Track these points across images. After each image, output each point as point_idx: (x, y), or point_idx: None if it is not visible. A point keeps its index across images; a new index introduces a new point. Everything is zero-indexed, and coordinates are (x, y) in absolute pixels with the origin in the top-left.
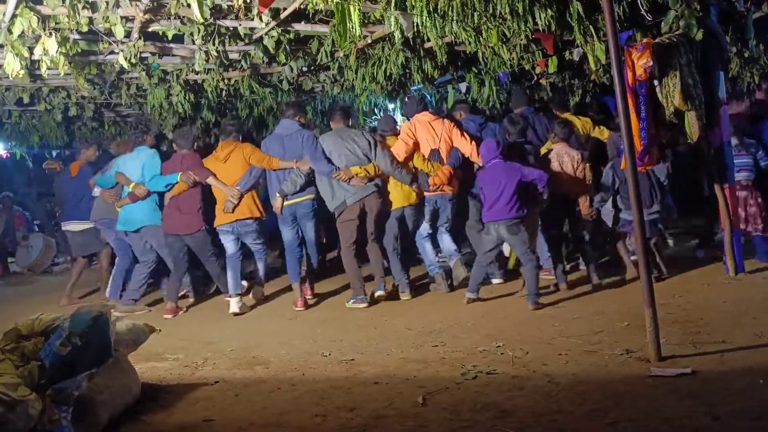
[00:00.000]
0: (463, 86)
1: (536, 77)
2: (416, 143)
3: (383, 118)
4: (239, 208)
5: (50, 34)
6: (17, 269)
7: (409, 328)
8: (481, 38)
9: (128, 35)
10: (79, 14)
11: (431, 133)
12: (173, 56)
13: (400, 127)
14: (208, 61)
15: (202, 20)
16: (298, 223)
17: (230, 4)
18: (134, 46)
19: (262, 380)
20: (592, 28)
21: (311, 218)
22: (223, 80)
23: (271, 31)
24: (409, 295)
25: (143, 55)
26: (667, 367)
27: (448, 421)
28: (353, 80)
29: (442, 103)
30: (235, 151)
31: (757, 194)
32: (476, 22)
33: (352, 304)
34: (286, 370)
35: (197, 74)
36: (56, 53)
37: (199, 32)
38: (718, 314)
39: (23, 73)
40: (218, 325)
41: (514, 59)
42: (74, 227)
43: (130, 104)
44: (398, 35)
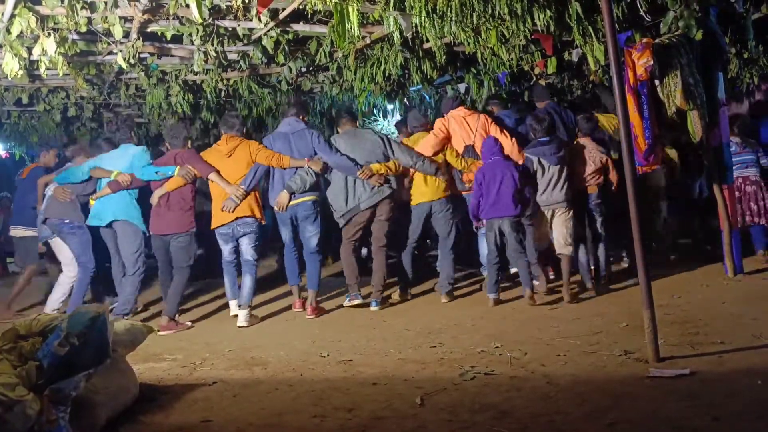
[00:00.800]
0: (462, 87)
1: (535, 78)
2: (447, 138)
3: (413, 113)
4: (240, 206)
5: (49, 34)
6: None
7: (407, 328)
8: (480, 39)
9: (127, 35)
10: (77, 14)
11: (465, 128)
12: (172, 57)
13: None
14: (206, 61)
15: (200, 21)
16: (297, 225)
17: (229, 4)
18: (133, 46)
19: (260, 381)
20: (591, 28)
21: (312, 221)
22: (221, 81)
23: (269, 31)
24: (400, 297)
25: (142, 55)
26: (665, 367)
27: (446, 422)
28: (352, 81)
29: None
30: (240, 146)
31: (766, 188)
32: (475, 22)
33: (348, 302)
34: (284, 370)
35: (196, 75)
36: (55, 53)
37: (197, 33)
38: (716, 315)
39: (22, 73)
40: (216, 325)
41: (513, 60)
42: (17, 233)
43: (129, 104)
44: (397, 36)
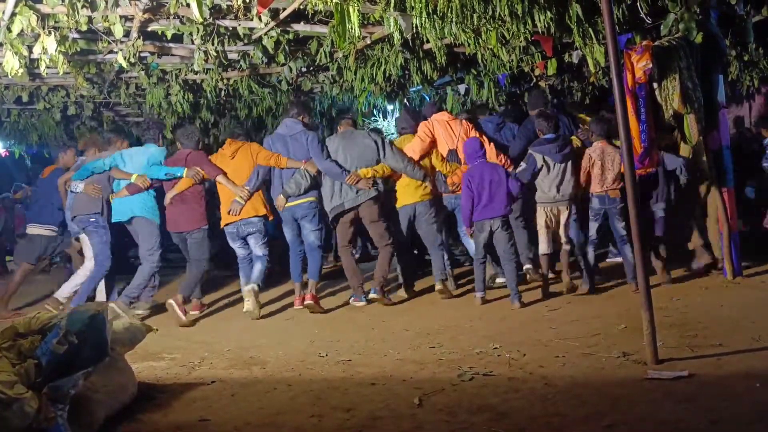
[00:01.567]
0: (462, 88)
1: (535, 79)
2: (433, 142)
3: (403, 115)
4: (244, 208)
5: (49, 32)
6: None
7: (406, 329)
8: (480, 40)
9: (127, 34)
10: (78, 13)
11: (449, 132)
12: (172, 56)
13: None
14: (207, 61)
15: (201, 20)
16: (298, 224)
17: (229, 4)
18: (133, 45)
19: (258, 380)
20: (591, 30)
21: (311, 219)
22: (222, 80)
23: (270, 31)
24: (406, 294)
25: (142, 54)
26: (664, 370)
27: (444, 422)
28: (352, 81)
29: (441, 104)
30: (242, 149)
31: None
32: (475, 23)
33: (352, 301)
34: (282, 370)
35: (196, 74)
36: (55, 52)
37: (198, 32)
38: (715, 318)
39: (22, 71)
40: (215, 325)
41: (513, 61)
42: (33, 230)
43: (128, 104)
44: (397, 36)
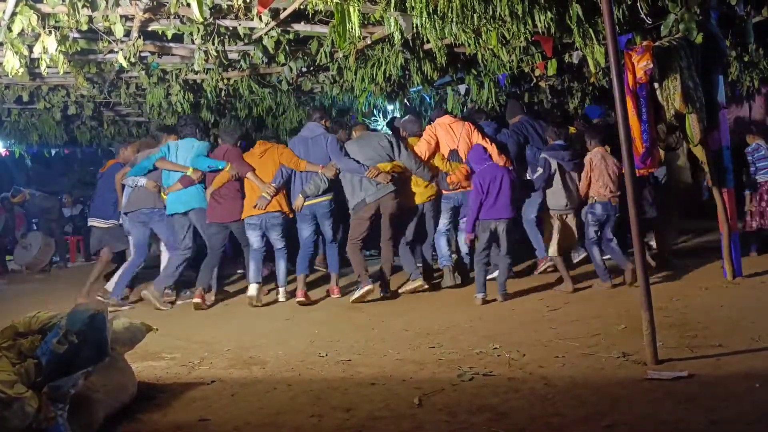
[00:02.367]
0: (462, 88)
1: (535, 80)
2: (437, 144)
3: (408, 119)
4: (270, 202)
5: (50, 32)
6: (15, 267)
7: (406, 329)
8: (480, 40)
9: (128, 34)
10: (78, 13)
11: (451, 134)
12: (172, 56)
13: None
14: (207, 60)
15: (201, 20)
16: (316, 221)
17: (230, 3)
18: (134, 45)
19: (258, 380)
20: (591, 31)
21: (329, 217)
22: (222, 80)
23: (270, 31)
24: (420, 281)
25: (142, 54)
26: (663, 370)
27: (444, 422)
28: (352, 81)
29: (441, 104)
30: (270, 149)
31: None
32: (476, 23)
33: (359, 292)
34: (282, 370)
35: (196, 74)
36: (56, 52)
37: (198, 32)
38: (715, 318)
39: (23, 71)
40: (215, 324)
41: (513, 61)
42: (98, 223)
43: (129, 103)
44: (398, 36)
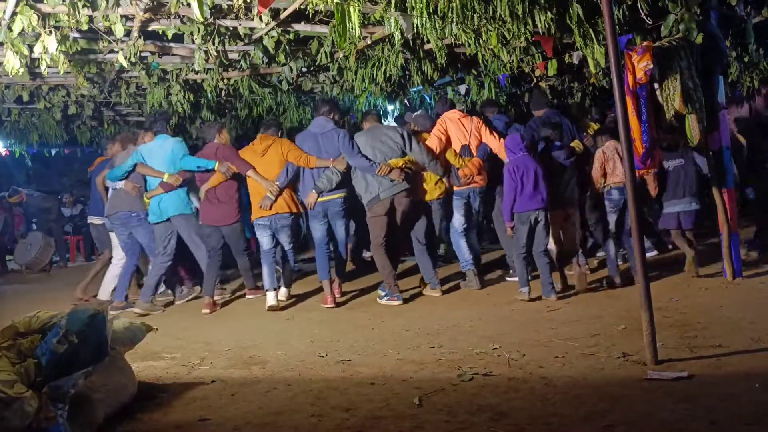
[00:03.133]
0: (462, 88)
1: (536, 80)
2: (448, 139)
3: (420, 114)
4: (277, 202)
5: (50, 32)
6: (15, 267)
7: (406, 329)
8: (480, 40)
9: (128, 34)
10: (79, 12)
11: (461, 129)
12: (173, 56)
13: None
14: (207, 60)
15: (201, 20)
16: (328, 220)
17: (230, 3)
18: (134, 45)
19: (258, 380)
20: (591, 31)
21: (342, 216)
22: (222, 80)
23: (270, 31)
24: (439, 292)
25: (143, 54)
26: (663, 370)
27: (444, 422)
28: (353, 81)
29: (445, 97)
30: (273, 146)
31: None
32: (476, 24)
33: (386, 300)
34: (282, 370)
35: (197, 74)
36: (56, 51)
37: (198, 32)
38: (715, 318)
39: (23, 71)
40: (215, 324)
41: (513, 62)
42: (94, 221)
43: (129, 103)
44: (398, 36)
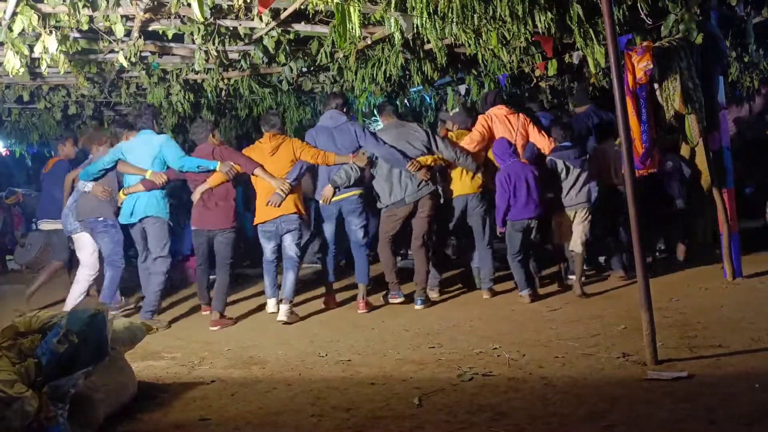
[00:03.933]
0: (462, 88)
1: (536, 80)
2: (491, 136)
3: (459, 111)
4: (285, 203)
5: (50, 32)
6: (15, 267)
7: (406, 329)
8: (480, 40)
9: (128, 34)
10: (79, 12)
11: (507, 126)
12: (173, 56)
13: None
14: (207, 60)
15: (202, 20)
16: (342, 219)
17: (230, 3)
18: (134, 45)
19: (258, 380)
20: (591, 31)
21: (358, 215)
22: (222, 80)
23: (271, 31)
24: (438, 295)
25: (143, 54)
26: (663, 370)
27: (444, 422)
28: (353, 81)
29: (441, 104)
30: (283, 145)
31: None
32: (476, 24)
33: (390, 298)
34: (282, 370)
35: (197, 74)
36: (56, 51)
37: (199, 32)
38: (715, 318)
39: (23, 70)
40: None
41: (513, 62)
42: (46, 226)
43: (129, 103)
44: (398, 36)
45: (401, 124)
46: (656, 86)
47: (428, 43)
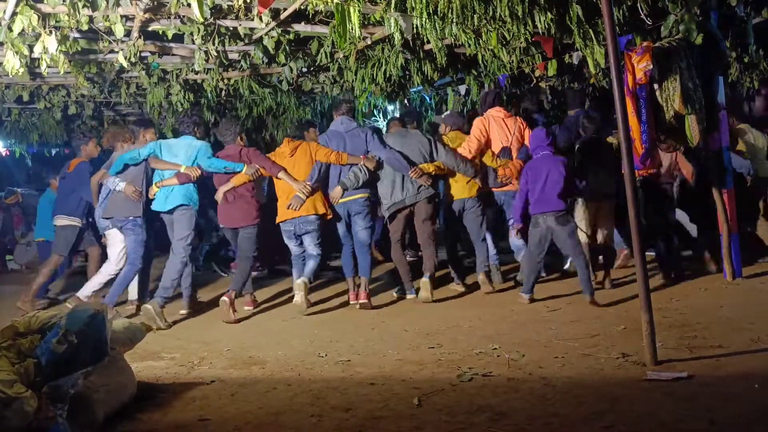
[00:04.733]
0: (462, 89)
1: (536, 80)
2: (488, 139)
3: (451, 114)
4: (304, 205)
5: (50, 32)
6: (15, 266)
7: (406, 329)
8: (480, 41)
9: (128, 34)
10: (79, 13)
11: (504, 130)
12: (173, 56)
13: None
14: (207, 60)
15: (202, 20)
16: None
17: (230, 4)
18: (134, 45)
19: (258, 380)
20: (591, 31)
21: (363, 216)
22: (222, 80)
23: (270, 31)
24: (462, 287)
25: (143, 54)
26: (663, 371)
27: (443, 422)
28: (353, 81)
29: (442, 105)
30: (301, 147)
31: None
32: (476, 24)
33: (400, 295)
34: (282, 370)
35: (197, 74)
36: (56, 51)
37: (198, 32)
38: (714, 319)
39: (23, 71)
40: (215, 324)
41: (513, 62)
42: (61, 221)
43: (129, 103)
44: (398, 37)
45: (405, 131)
46: (656, 87)
47: (428, 43)
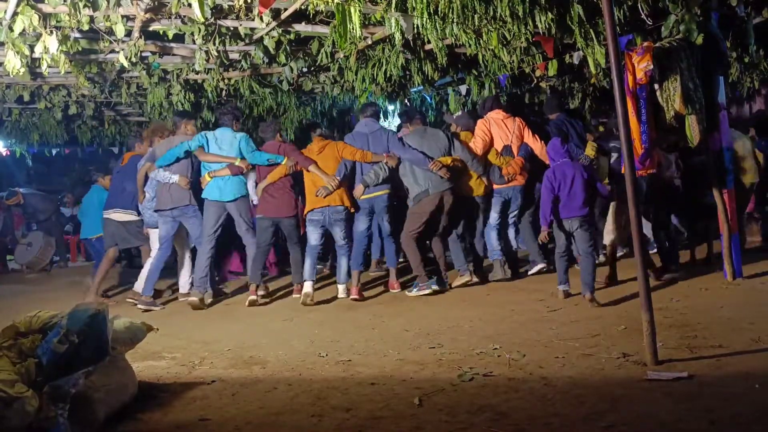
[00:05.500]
0: (463, 88)
1: (536, 80)
2: (491, 139)
3: (462, 115)
4: (332, 196)
5: (51, 32)
6: (16, 266)
7: (406, 329)
8: (481, 41)
9: (129, 34)
10: (80, 13)
11: (504, 129)
12: (173, 56)
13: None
14: (208, 60)
15: (202, 20)
16: (374, 216)
17: (231, 4)
18: (135, 45)
19: (258, 380)
20: (592, 31)
21: (387, 211)
22: (223, 80)
23: (271, 31)
24: (469, 276)
25: (144, 54)
26: (663, 371)
27: (444, 422)
28: (353, 81)
29: (442, 105)
30: (329, 146)
31: None
32: (476, 24)
33: (416, 291)
34: (282, 370)
35: (197, 74)
36: (57, 51)
37: (199, 32)
38: (715, 319)
39: (24, 70)
40: (216, 324)
41: (514, 62)
42: (116, 216)
43: (130, 103)
44: (398, 37)
45: (426, 129)
46: (656, 87)
47: (429, 43)
